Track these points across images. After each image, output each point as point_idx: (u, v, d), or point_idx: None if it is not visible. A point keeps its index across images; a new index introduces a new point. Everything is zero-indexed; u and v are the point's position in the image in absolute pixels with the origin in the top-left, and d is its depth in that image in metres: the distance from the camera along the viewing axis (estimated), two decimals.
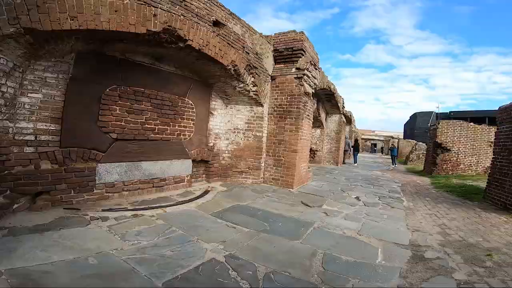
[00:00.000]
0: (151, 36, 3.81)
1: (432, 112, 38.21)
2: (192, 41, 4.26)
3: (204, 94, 6.00)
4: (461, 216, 4.87)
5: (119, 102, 4.32)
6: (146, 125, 4.71)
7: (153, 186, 4.97)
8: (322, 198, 5.74)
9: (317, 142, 12.96)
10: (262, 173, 6.59)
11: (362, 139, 29.10)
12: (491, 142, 10.80)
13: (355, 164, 14.99)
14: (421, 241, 3.62)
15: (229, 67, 5.19)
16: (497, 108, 6.52)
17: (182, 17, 4.07)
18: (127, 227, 3.35)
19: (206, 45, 4.57)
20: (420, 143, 19.21)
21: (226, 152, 6.58)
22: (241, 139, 6.53)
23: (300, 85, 6.26)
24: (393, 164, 17.13)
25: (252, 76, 5.86)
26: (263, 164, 6.57)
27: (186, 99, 5.51)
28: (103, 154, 4.19)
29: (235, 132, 6.56)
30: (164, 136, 5.06)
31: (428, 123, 37.08)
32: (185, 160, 5.62)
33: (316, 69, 7.20)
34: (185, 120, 5.50)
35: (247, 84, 5.83)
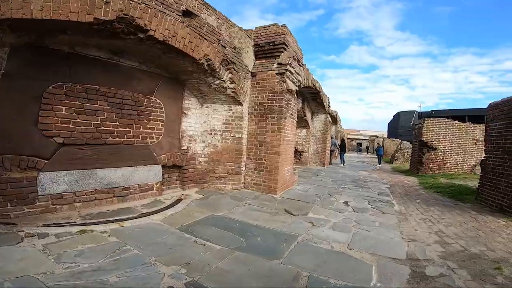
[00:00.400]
0: (102, 26, 3.21)
1: (414, 111, 39.03)
2: (154, 31, 3.68)
3: (175, 92, 5.38)
4: (457, 221, 4.49)
5: (66, 101, 3.65)
6: (102, 128, 4.04)
7: (114, 196, 4.32)
8: (307, 204, 5.24)
9: (303, 142, 12.54)
10: (242, 178, 6.02)
11: (347, 138, 29.11)
12: (476, 140, 10.77)
13: (342, 165, 14.70)
14: (420, 253, 3.16)
15: (202, 62, 4.62)
16: (475, 107, 6.28)
17: (143, 5, 3.50)
18: (67, 245, 2.77)
19: (173, 36, 3.99)
20: (405, 142, 19.27)
21: (202, 155, 5.97)
22: (219, 141, 5.94)
23: (283, 81, 5.76)
24: (379, 164, 17.02)
25: (230, 72, 5.30)
26: (243, 168, 6.01)
27: (153, 98, 4.89)
28: (46, 161, 3.51)
29: (212, 133, 5.96)
30: (125, 139, 4.40)
31: (411, 122, 37.90)
32: (153, 166, 4.98)
33: (300, 65, 6.76)
34: (152, 121, 4.87)
35: (224, 81, 5.26)
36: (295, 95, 6.56)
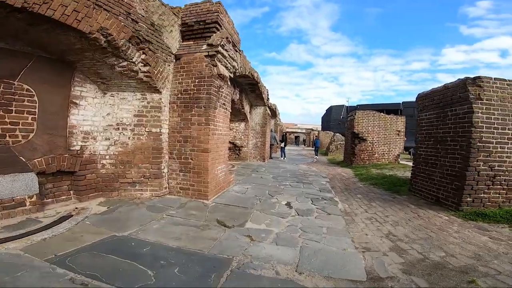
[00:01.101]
0: None
1: (343, 105, 42.68)
2: None
3: (59, 77, 3.84)
4: (402, 218, 4.23)
5: None
6: None
7: None
8: (245, 210, 4.35)
9: (242, 137, 11.73)
10: (165, 182, 4.77)
11: (286, 132, 29.85)
12: (399, 131, 11.67)
13: (283, 159, 14.51)
14: (380, 268, 2.57)
15: (95, 37, 3.29)
16: (390, 102, 6.35)
17: None
18: None
19: (45, 2, 2.58)
20: (338, 134, 20.43)
21: (107, 157, 4.50)
22: (129, 138, 4.54)
23: (213, 65, 4.70)
24: (316, 155, 17.56)
25: (143, 53, 4.02)
26: (165, 170, 4.76)
27: (16, 83, 3.29)
28: None
29: (119, 129, 4.52)
30: None
31: (341, 116, 41.36)
32: (21, 175, 3.38)
33: (236, 50, 5.81)
34: (14, 114, 3.27)
35: (133, 63, 3.96)
36: (229, 83, 5.58)
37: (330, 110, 43.76)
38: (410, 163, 12.49)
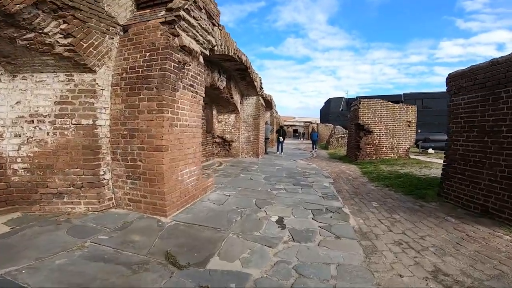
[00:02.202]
0: None
1: (342, 97, 41.25)
2: None
3: None
4: (445, 241, 2.90)
5: None
6: None
7: None
8: (216, 233, 3.02)
9: (232, 130, 10.34)
10: (107, 191, 3.42)
11: (284, 125, 28.45)
12: (409, 121, 10.30)
13: (280, 154, 13.19)
14: None
15: None
16: (391, 94, 4.93)
17: None
18: None
19: None
20: (338, 126, 19.07)
21: (19, 159, 3.13)
22: (49, 133, 3.17)
23: (172, 34, 3.35)
24: (313, 149, 16.32)
25: (64, 21, 2.64)
26: (107, 176, 3.40)
27: None
28: None
29: (33, 121, 3.15)
30: None
31: (340, 108, 39.92)
32: None
33: (213, 23, 4.50)
34: None
35: (46, 34, 2.62)
36: (201, 60, 4.20)
37: (329, 102, 42.35)
38: (423, 158, 11.21)
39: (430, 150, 15.14)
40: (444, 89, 4.74)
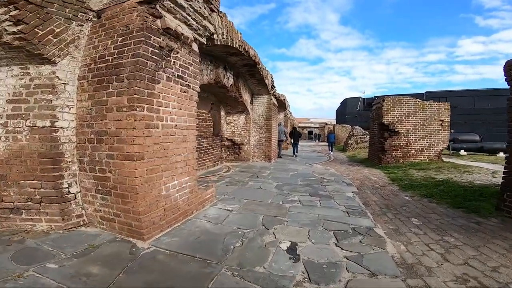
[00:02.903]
0: None
1: (359, 97, 39.61)
2: None
3: None
4: None
5: None
6: None
7: None
8: (205, 268, 2.22)
9: (242, 132, 9.59)
10: (74, 207, 2.73)
11: (299, 127, 27.45)
12: (442, 120, 9.11)
13: (294, 156, 12.38)
14: None
15: None
16: (411, 93, 3.91)
17: None
18: None
19: None
20: (357, 127, 17.85)
21: None
22: (1, 138, 2.54)
23: (153, 15, 2.64)
24: (330, 151, 15.40)
25: (15, 7, 2.02)
26: (73, 189, 2.71)
27: None
28: None
29: None
30: None
31: (357, 108, 38.27)
32: None
33: (212, 9, 3.83)
34: None
35: None
36: (195, 49, 3.48)
37: (345, 102, 40.83)
38: (457, 161, 9.92)
39: (462, 152, 13.67)
40: (469, 86, 3.74)
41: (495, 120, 26.77)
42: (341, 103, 43.42)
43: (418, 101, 9.20)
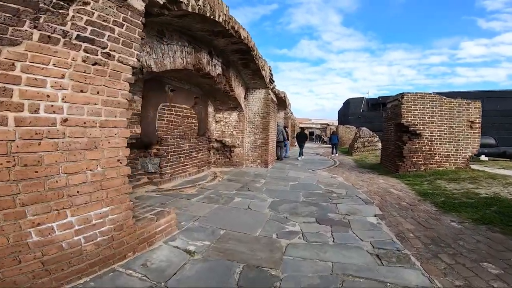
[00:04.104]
0: None
1: (363, 98, 38.23)
2: None
3: None
4: None
5: None
6: None
7: None
8: None
9: (234, 132, 8.17)
10: None
11: (300, 127, 26.02)
12: (472, 122, 7.67)
13: (299, 159, 11.29)
14: None
15: None
16: None
17: None
18: None
19: None
20: (364, 128, 16.40)
21: None
22: None
23: None
24: (334, 154, 14.29)
25: None
26: None
27: None
28: None
29: None
30: None
31: (361, 109, 36.80)
32: None
33: None
34: None
35: None
36: (130, 3, 2.08)
37: (347, 103, 39.46)
38: (483, 168, 8.47)
39: (483, 157, 12.21)
40: (471, 89, 2.35)
41: (504, 123, 25.25)
42: (343, 103, 42.05)
43: (444, 99, 7.77)
